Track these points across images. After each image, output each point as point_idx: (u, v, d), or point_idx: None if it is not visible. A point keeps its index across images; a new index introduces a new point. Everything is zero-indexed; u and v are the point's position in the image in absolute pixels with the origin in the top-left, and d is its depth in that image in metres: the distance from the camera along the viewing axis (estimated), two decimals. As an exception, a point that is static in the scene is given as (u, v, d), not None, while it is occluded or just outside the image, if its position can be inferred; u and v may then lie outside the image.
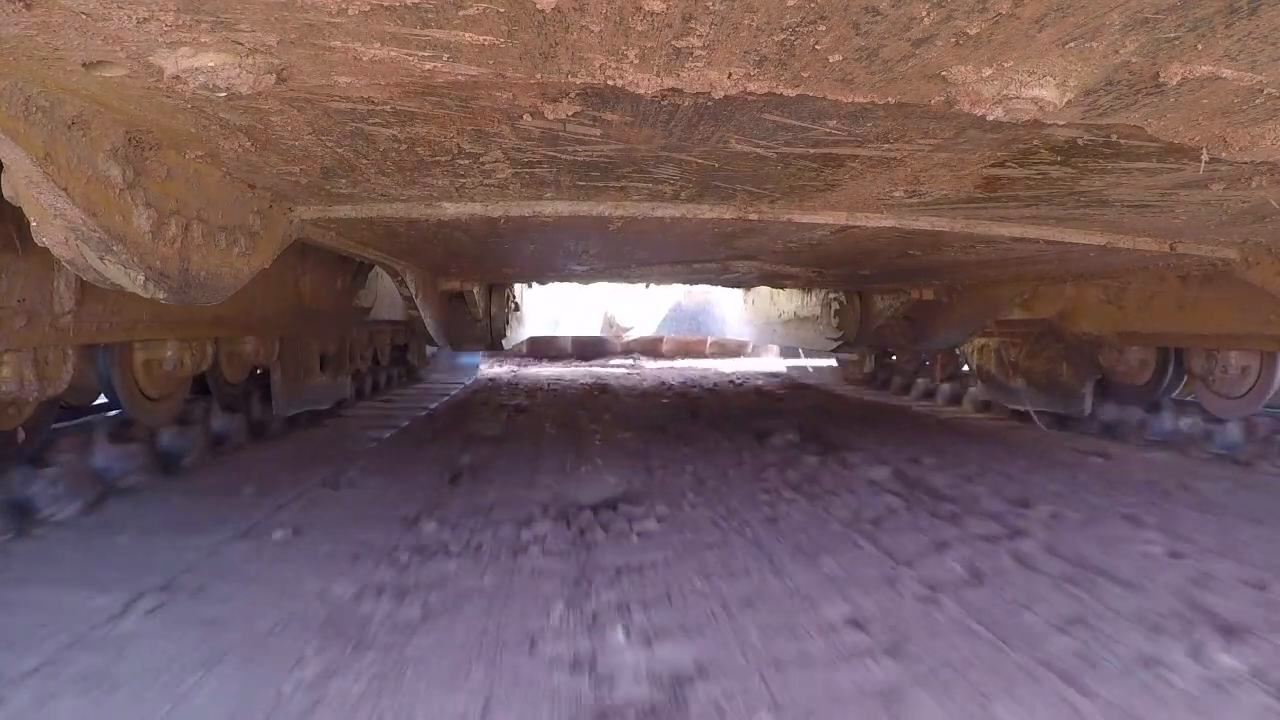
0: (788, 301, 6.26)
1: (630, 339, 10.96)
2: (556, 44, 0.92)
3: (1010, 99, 0.98)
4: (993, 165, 1.50)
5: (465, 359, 7.49)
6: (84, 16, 0.84)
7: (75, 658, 1.35)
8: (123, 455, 2.59)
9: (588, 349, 10.61)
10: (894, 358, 6.52)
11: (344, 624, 1.50)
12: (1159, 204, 1.75)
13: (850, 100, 1.08)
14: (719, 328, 9.24)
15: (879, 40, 0.88)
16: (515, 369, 8.69)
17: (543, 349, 10.25)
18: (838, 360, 7.28)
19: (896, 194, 1.79)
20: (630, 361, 10.07)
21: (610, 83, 1.01)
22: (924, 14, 0.82)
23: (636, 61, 0.96)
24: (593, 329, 10.59)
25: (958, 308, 4.26)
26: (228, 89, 0.96)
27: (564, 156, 1.49)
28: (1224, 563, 1.94)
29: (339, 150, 1.43)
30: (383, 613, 1.56)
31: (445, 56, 0.96)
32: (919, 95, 1.05)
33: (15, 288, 1.81)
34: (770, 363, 9.75)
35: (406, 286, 3.38)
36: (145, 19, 0.84)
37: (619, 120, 1.24)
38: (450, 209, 1.96)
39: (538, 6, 0.81)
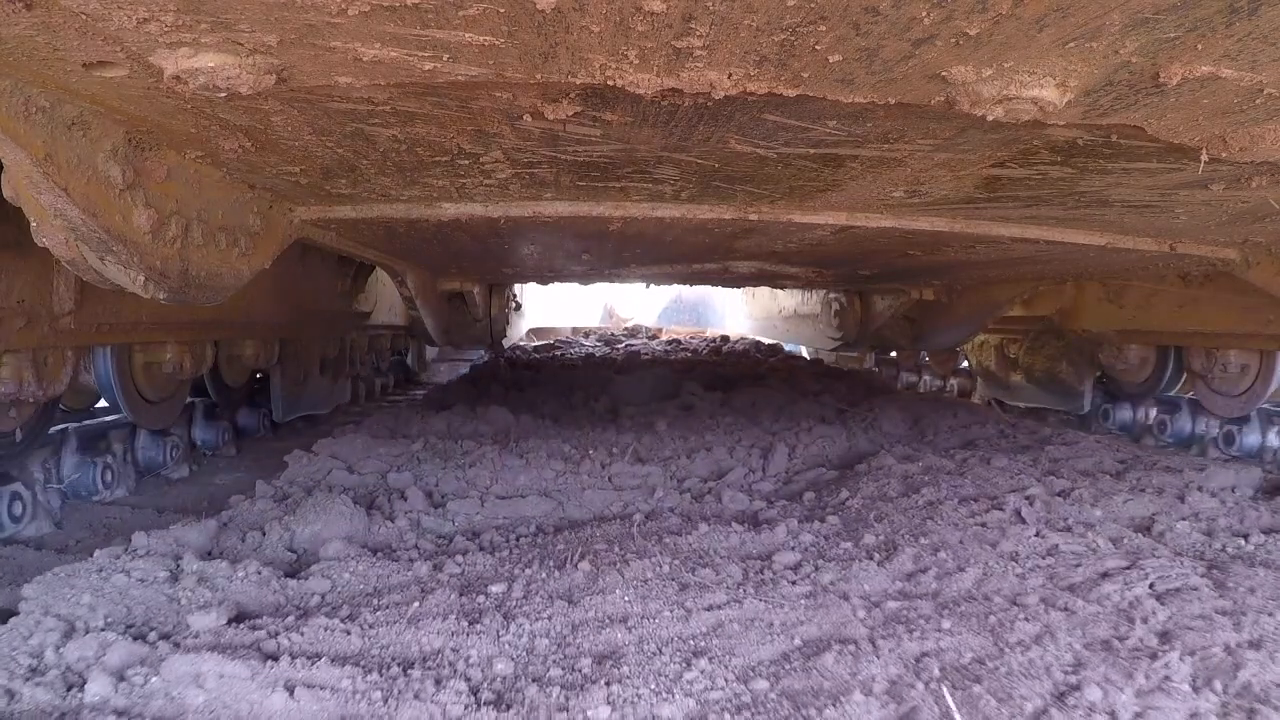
0: (789, 297, 6.27)
1: (630, 328, 11.85)
2: (556, 44, 0.92)
3: (1010, 99, 0.98)
4: (993, 165, 1.50)
5: (466, 358, 7.52)
6: (84, 17, 0.83)
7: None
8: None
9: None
10: (894, 355, 6.50)
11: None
12: (1159, 204, 1.75)
13: (850, 100, 1.08)
14: (718, 320, 9.48)
15: (879, 40, 0.88)
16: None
17: (543, 338, 11.04)
18: (837, 357, 7.28)
19: (896, 194, 1.79)
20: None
21: (610, 83, 1.01)
22: (924, 14, 0.81)
23: (636, 62, 0.96)
24: (593, 319, 11.36)
25: (958, 308, 4.26)
26: (228, 89, 0.96)
27: (564, 157, 1.49)
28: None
29: (339, 150, 1.43)
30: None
31: (445, 57, 0.96)
32: (919, 95, 1.05)
33: (15, 288, 1.81)
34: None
35: (406, 287, 3.38)
36: (145, 19, 0.84)
37: (619, 120, 1.24)
38: (450, 209, 1.96)
39: (538, 7, 0.81)
